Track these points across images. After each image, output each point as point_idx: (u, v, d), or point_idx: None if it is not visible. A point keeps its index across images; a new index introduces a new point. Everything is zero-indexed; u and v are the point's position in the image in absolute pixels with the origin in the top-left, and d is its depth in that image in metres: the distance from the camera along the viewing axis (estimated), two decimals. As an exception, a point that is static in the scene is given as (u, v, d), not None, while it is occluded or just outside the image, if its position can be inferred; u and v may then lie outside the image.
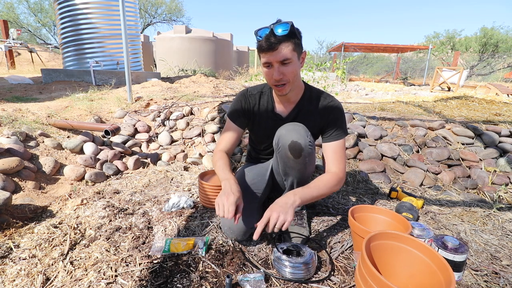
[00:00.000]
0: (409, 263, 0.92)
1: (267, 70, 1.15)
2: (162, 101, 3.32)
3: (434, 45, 18.72)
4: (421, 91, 8.37)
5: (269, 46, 1.07)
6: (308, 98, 1.30)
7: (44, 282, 1.01)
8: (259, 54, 1.15)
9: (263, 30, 1.10)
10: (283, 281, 1.05)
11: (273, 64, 1.11)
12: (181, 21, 21.02)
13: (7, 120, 2.24)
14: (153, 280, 1.03)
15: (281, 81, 1.14)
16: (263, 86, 1.37)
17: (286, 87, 1.16)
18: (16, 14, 18.64)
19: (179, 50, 10.44)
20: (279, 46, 1.07)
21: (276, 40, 1.07)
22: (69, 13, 4.95)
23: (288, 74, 1.13)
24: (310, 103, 1.30)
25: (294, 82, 1.18)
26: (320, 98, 1.30)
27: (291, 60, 1.11)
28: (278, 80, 1.13)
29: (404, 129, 2.62)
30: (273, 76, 1.13)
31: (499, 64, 21.59)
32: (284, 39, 1.07)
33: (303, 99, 1.30)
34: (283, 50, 1.08)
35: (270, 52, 1.09)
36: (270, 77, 1.15)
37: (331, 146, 1.27)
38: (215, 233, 1.36)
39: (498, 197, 1.93)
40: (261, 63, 1.17)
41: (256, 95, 1.35)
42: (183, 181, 2.07)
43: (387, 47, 15.54)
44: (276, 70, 1.11)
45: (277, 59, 1.09)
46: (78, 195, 1.78)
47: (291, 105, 1.31)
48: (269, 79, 1.17)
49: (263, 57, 1.13)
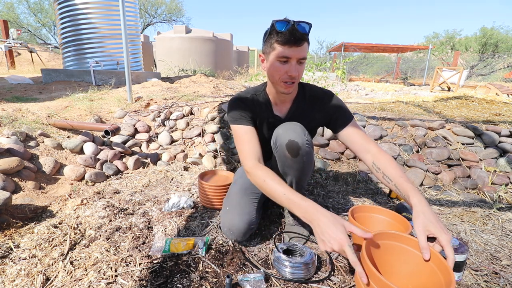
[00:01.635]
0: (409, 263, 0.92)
1: (279, 65, 1.09)
2: (162, 101, 3.32)
3: (434, 45, 18.71)
4: (421, 91, 8.37)
5: (296, 40, 1.03)
6: (302, 96, 1.30)
7: (44, 282, 1.01)
8: (277, 46, 1.06)
9: (284, 23, 1.04)
10: (283, 281, 1.05)
11: (292, 60, 1.07)
12: (181, 21, 21.04)
13: (7, 120, 2.24)
14: (153, 280, 1.03)
15: (294, 79, 1.11)
16: (255, 89, 1.31)
17: (294, 86, 1.15)
18: (16, 14, 18.65)
19: (179, 50, 10.45)
20: (303, 43, 1.05)
21: (302, 36, 1.04)
22: (69, 13, 4.95)
23: (300, 73, 1.11)
24: (305, 101, 1.29)
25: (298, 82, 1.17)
26: (314, 93, 1.29)
27: (305, 61, 1.11)
28: (294, 76, 1.09)
29: (404, 129, 2.62)
30: (288, 72, 1.09)
31: (499, 64, 21.60)
32: (306, 38, 1.06)
33: (298, 97, 1.29)
34: (305, 48, 1.07)
35: (294, 47, 1.04)
36: (283, 73, 1.09)
37: (351, 126, 1.23)
38: (215, 233, 1.37)
39: (498, 197, 1.93)
40: (272, 56, 1.09)
41: (251, 97, 1.29)
42: (183, 181, 2.07)
43: (387, 47, 15.55)
44: (293, 67, 1.08)
45: (299, 56, 1.06)
46: (78, 195, 1.78)
47: (288, 104, 1.30)
48: (279, 74, 1.10)
49: (284, 50, 1.05)
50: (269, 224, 1.47)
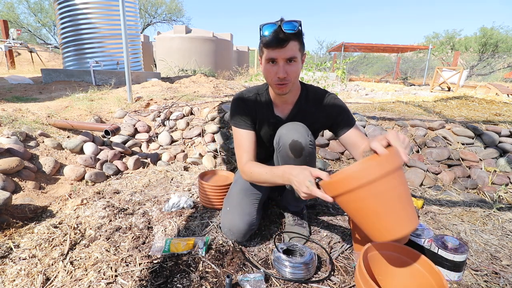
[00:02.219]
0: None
1: (269, 67, 1.11)
2: (162, 101, 3.32)
3: (434, 45, 18.71)
4: (421, 91, 8.37)
5: (278, 42, 1.04)
6: (305, 97, 1.28)
7: (44, 282, 1.01)
8: (264, 49, 1.10)
9: (270, 25, 1.06)
10: (283, 281, 1.05)
11: (279, 61, 1.08)
12: (181, 21, 21.03)
13: (7, 120, 2.24)
14: (153, 280, 1.03)
15: (284, 80, 1.11)
16: (257, 89, 1.32)
17: (287, 86, 1.14)
18: (16, 14, 18.64)
19: (179, 50, 10.44)
20: (288, 43, 1.05)
21: (286, 36, 1.04)
22: (69, 13, 4.95)
23: (292, 73, 1.10)
24: (307, 103, 1.28)
25: (294, 82, 1.15)
26: (317, 96, 1.28)
27: (296, 59, 1.09)
28: (282, 78, 1.10)
29: (404, 129, 2.62)
30: (277, 74, 1.09)
31: (499, 64, 21.60)
32: (292, 37, 1.05)
33: (301, 99, 1.28)
34: (291, 48, 1.06)
35: (278, 49, 1.05)
36: (273, 75, 1.11)
37: (353, 130, 1.23)
38: (215, 233, 1.37)
39: (498, 197, 1.93)
40: (263, 59, 1.13)
41: (253, 97, 1.30)
42: (183, 181, 2.07)
43: (387, 47, 15.54)
44: (281, 68, 1.08)
45: (284, 56, 1.07)
46: (78, 195, 1.78)
47: (289, 106, 1.28)
48: (271, 76, 1.12)
49: (268, 52, 1.08)
50: (269, 224, 1.47)
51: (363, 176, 0.77)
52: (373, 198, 0.78)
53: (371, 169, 0.77)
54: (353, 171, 0.79)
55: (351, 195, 0.80)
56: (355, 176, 0.78)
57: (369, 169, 0.77)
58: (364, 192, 0.78)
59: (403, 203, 0.79)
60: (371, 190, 0.78)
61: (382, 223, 0.80)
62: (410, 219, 0.79)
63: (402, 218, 0.79)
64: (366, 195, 0.78)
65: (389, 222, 0.80)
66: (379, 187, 0.77)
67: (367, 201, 0.79)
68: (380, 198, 0.78)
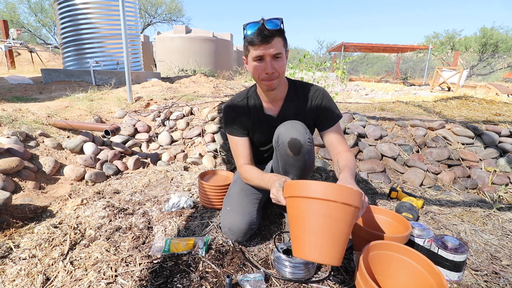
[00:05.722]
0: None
1: (257, 65, 1.14)
2: (162, 101, 3.32)
3: (434, 45, 18.71)
4: (421, 91, 8.37)
5: (263, 38, 1.07)
6: (294, 93, 1.31)
7: (44, 282, 1.01)
8: (250, 48, 1.13)
9: (254, 24, 1.11)
10: (283, 281, 1.05)
11: (266, 58, 1.11)
12: (181, 21, 21.02)
13: (7, 120, 2.24)
14: (153, 280, 1.03)
15: (272, 75, 1.14)
16: (246, 92, 1.36)
17: (275, 82, 1.17)
18: (17, 14, 18.64)
19: (179, 50, 10.44)
20: (272, 39, 1.08)
21: (270, 33, 1.07)
22: (69, 13, 4.95)
23: (279, 68, 1.14)
24: (297, 98, 1.31)
25: (282, 78, 1.20)
26: (305, 90, 1.31)
27: (282, 55, 1.13)
28: (271, 73, 1.13)
29: (404, 129, 2.62)
30: (265, 70, 1.13)
31: (499, 64, 21.60)
32: (276, 33, 1.09)
33: (289, 94, 1.31)
34: (276, 44, 1.10)
35: (264, 45, 1.09)
36: (261, 71, 1.14)
37: (332, 130, 1.28)
38: (215, 233, 1.37)
39: (498, 197, 1.93)
40: (249, 59, 1.16)
41: (242, 102, 1.34)
42: (183, 181, 2.07)
43: (387, 47, 15.54)
44: (268, 64, 1.12)
45: (271, 53, 1.10)
46: (78, 195, 1.78)
47: (279, 102, 1.31)
48: (259, 73, 1.16)
49: (254, 50, 1.11)
50: (269, 224, 1.47)
51: (314, 190, 0.82)
52: (309, 214, 0.82)
53: (325, 188, 0.81)
54: (309, 182, 0.84)
55: (294, 200, 0.87)
56: (307, 186, 0.83)
57: (324, 187, 0.81)
58: (305, 204, 0.83)
59: (332, 237, 0.81)
60: (311, 205, 0.82)
61: (302, 238, 0.84)
62: (329, 253, 0.81)
63: (321, 246, 0.81)
64: (305, 207, 0.83)
65: (307, 242, 0.83)
66: (319, 207, 0.81)
67: (304, 213, 0.83)
68: (314, 217, 0.81)
